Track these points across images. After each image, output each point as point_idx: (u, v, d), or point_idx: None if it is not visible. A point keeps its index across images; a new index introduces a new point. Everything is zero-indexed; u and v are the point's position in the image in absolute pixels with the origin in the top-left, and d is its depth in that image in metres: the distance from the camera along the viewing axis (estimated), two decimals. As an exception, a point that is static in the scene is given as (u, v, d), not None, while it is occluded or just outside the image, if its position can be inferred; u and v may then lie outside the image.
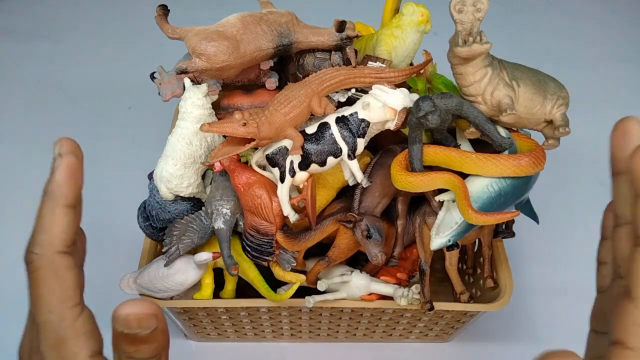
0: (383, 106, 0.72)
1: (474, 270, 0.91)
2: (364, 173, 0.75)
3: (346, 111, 0.73)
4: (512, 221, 0.83)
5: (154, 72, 0.79)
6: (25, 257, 0.48)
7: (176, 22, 0.75)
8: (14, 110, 1.32)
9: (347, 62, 0.79)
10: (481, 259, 0.86)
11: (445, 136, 0.76)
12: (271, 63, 0.80)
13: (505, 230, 0.83)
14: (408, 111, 0.73)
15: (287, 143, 0.71)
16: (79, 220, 0.49)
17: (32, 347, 0.48)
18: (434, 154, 0.74)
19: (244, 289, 0.82)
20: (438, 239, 0.73)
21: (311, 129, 0.72)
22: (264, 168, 0.74)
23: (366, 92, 0.77)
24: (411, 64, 0.88)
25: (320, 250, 0.79)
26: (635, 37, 1.58)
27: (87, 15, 1.58)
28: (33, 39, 1.50)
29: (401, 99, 0.73)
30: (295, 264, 0.76)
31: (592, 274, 1.04)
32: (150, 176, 0.80)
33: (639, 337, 0.42)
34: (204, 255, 0.72)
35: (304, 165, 0.71)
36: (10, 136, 1.27)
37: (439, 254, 0.78)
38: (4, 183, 1.18)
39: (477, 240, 0.87)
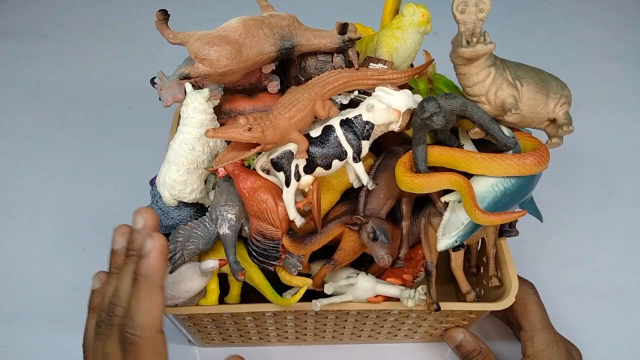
0: (387, 108, 0.72)
1: (478, 269, 0.91)
2: (367, 175, 0.75)
3: (350, 114, 0.73)
4: (516, 220, 0.83)
5: (154, 78, 0.78)
6: (124, 339, 0.53)
7: (176, 22, 0.75)
8: (14, 110, 1.32)
9: (349, 64, 0.79)
10: (484, 258, 0.86)
11: (449, 136, 0.76)
12: (273, 66, 0.79)
13: (509, 229, 0.83)
14: (412, 112, 0.73)
15: (291, 147, 0.71)
16: None
17: None
18: (438, 154, 0.74)
19: (248, 293, 0.82)
20: (445, 240, 0.73)
21: (315, 132, 0.72)
22: (268, 172, 0.74)
23: (369, 94, 0.77)
24: (411, 65, 0.88)
25: (324, 253, 0.79)
26: (635, 37, 1.57)
27: (87, 15, 1.57)
28: (33, 39, 1.49)
29: (405, 100, 0.73)
30: (301, 268, 0.76)
31: (594, 271, 1.06)
32: (152, 182, 0.79)
33: None
34: (210, 263, 0.72)
35: (309, 169, 0.70)
36: (10, 136, 1.26)
37: (442, 254, 0.78)
38: (3, 183, 1.18)
39: (480, 240, 0.87)
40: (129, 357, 0.53)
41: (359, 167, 0.73)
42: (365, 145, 0.73)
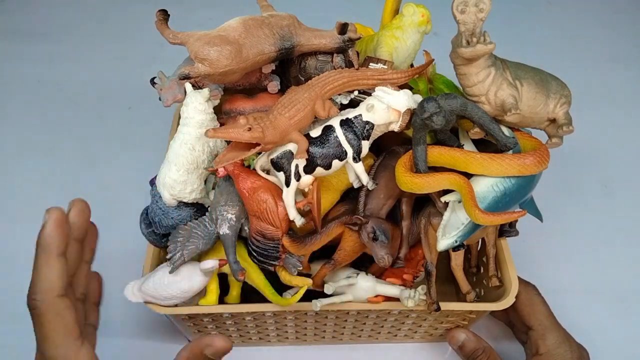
0: (387, 108, 0.72)
1: (478, 269, 0.91)
2: (367, 175, 0.75)
3: (350, 114, 0.73)
4: (516, 220, 0.83)
5: (154, 78, 0.78)
6: (28, 304, 0.59)
7: (176, 22, 0.75)
8: (14, 110, 1.32)
9: (349, 64, 0.79)
10: (484, 258, 0.86)
11: (449, 136, 0.76)
12: (273, 66, 0.79)
13: (509, 229, 0.83)
14: (412, 112, 0.73)
15: (291, 147, 0.71)
16: (69, 266, 0.61)
17: None
18: (438, 154, 0.74)
19: (248, 293, 0.82)
20: (445, 240, 0.73)
21: (315, 132, 0.72)
22: (268, 172, 0.74)
23: (369, 94, 0.77)
24: (411, 65, 0.88)
25: (324, 253, 0.79)
26: (635, 37, 1.57)
27: (87, 15, 1.57)
28: (33, 39, 1.49)
29: (405, 100, 0.73)
30: (301, 268, 0.76)
31: (594, 271, 1.05)
32: (153, 182, 0.79)
33: None
34: (210, 263, 0.72)
35: (309, 169, 0.70)
36: (9, 136, 1.26)
37: (442, 254, 0.78)
38: (3, 183, 1.18)
39: (480, 239, 0.87)
40: (34, 320, 0.59)
41: (359, 167, 0.73)
42: (365, 145, 0.73)
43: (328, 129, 0.72)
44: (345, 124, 0.72)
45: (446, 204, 0.74)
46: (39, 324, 0.58)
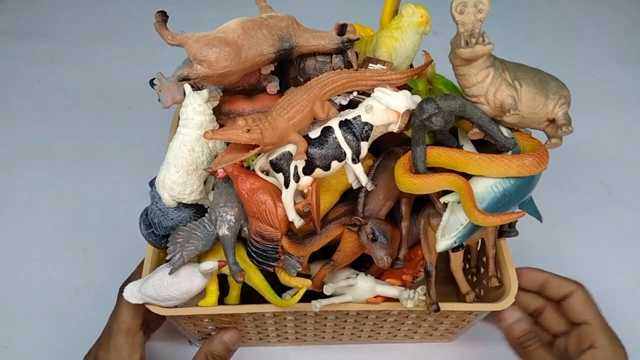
0: (386, 109, 0.72)
1: (477, 270, 0.91)
2: (366, 176, 0.75)
3: (349, 115, 0.73)
4: (515, 220, 0.83)
5: (153, 79, 0.78)
6: None
7: (176, 23, 0.74)
8: (14, 110, 1.32)
9: (348, 65, 0.79)
10: (484, 258, 0.85)
11: (448, 137, 0.76)
12: (272, 67, 0.79)
13: (509, 229, 0.82)
14: (411, 113, 0.73)
15: (290, 148, 0.71)
16: None
17: None
18: (437, 155, 0.74)
19: (248, 294, 0.82)
20: (444, 241, 0.73)
21: (314, 134, 0.72)
22: (267, 173, 0.74)
23: (368, 95, 0.77)
24: (411, 66, 0.88)
25: (323, 253, 0.79)
26: (635, 37, 1.57)
27: (87, 15, 1.57)
28: (33, 39, 1.49)
29: (404, 101, 0.72)
30: (300, 269, 0.76)
31: (594, 271, 1.05)
32: (152, 183, 0.79)
33: None
34: (210, 264, 0.72)
35: (308, 170, 0.70)
36: (10, 136, 1.27)
37: (442, 255, 0.78)
38: (3, 183, 1.18)
39: (480, 240, 0.87)
40: None
41: (358, 168, 0.73)
42: (364, 146, 0.73)
43: (327, 130, 0.72)
44: (344, 125, 0.72)
45: (445, 204, 0.74)
46: None
